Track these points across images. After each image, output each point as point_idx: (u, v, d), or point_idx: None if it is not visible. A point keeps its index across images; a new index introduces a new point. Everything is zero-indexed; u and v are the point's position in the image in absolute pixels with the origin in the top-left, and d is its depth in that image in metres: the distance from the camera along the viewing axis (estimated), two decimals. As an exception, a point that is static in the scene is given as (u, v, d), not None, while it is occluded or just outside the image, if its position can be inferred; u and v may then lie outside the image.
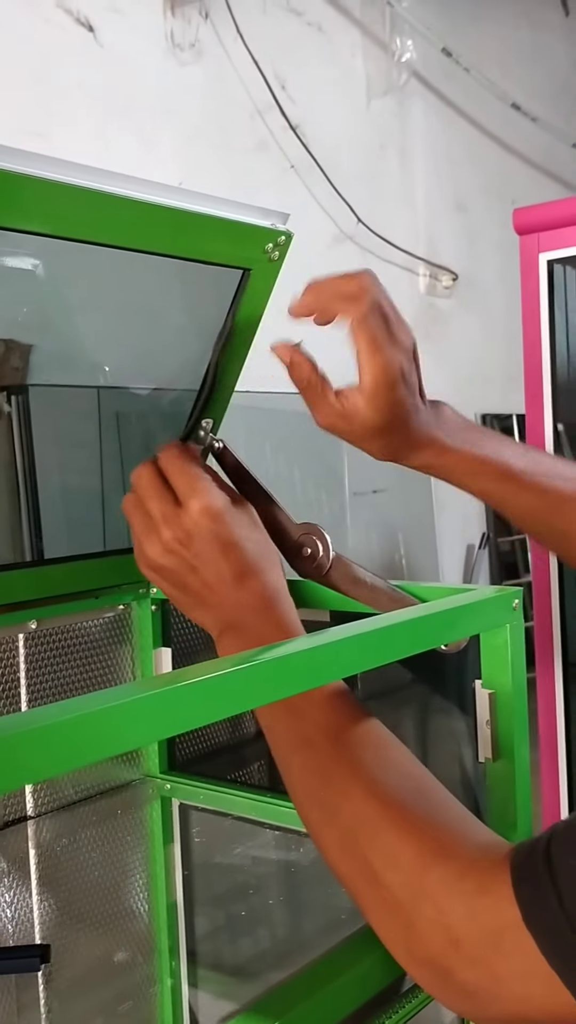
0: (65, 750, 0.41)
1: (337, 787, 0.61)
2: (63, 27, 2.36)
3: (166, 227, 0.75)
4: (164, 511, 0.69)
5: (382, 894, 0.57)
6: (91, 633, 0.97)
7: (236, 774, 1.08)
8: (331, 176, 3.09)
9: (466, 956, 0.53)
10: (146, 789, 1.01)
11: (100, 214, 0.71)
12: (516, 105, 3.88)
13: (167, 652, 1.01)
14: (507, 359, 3.93)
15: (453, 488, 0.80)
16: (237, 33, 2.78)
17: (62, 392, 1.00)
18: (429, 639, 0.68)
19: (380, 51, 3.38)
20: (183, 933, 0.80)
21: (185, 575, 0.69)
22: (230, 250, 0.81)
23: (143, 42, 2.57)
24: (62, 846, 0.90)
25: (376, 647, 0.60)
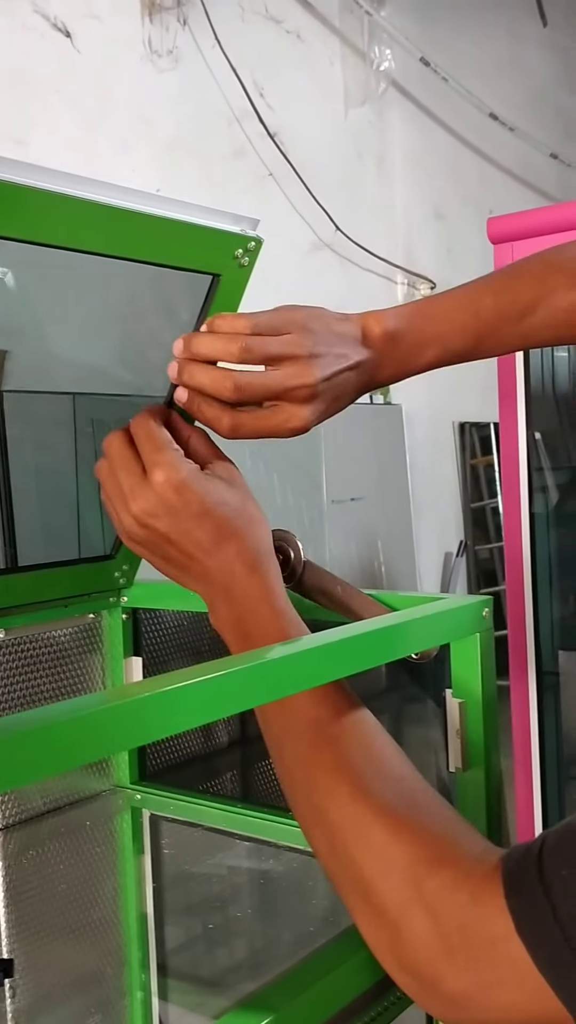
0: (35, 759, 0.40)
1: (324, 786, 0.60)
2: (40, 33, 2.35)
3: (135, 232, 0.75)
4: (132, 483, 0.67)
5: (371, 899, 0.56)
6: (61, 642, 0.96)
7: (207, 785, 1.07)
8: (309, 184, 3.09)
9: (457, 965, 0.53)
10: (116, 800, 1.00)
11: (69, 219, 0.70)
12: (494, 115, 3.90)
13: (138, 661, 1.01)
14: (484, 368, 3.94)
15: (431, 495, 0.79)
16: (215, 40, 2.78)
17: (36, 398, 0.99)
18: (399, 648, 0.67)
19: (359, 60, 3.39)
20: (153, 945, 0.79)
21: (163, 546, 0.67)
22: (199, 255, 0.81)
23: (121, 48, 2.56)
24: (29, 858, 0.88)
25: (345, 656, 0.59)
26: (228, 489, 0.68)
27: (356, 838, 0.57)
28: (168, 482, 0.66)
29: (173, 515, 0.66)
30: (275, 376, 0.67)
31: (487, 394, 3.88)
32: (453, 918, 0.53)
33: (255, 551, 0.68)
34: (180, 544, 0.67)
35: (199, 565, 0.67)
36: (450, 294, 0.75)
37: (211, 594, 0.68)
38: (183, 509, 0.66)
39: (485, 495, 3.90)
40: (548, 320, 0.74)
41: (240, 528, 0.68)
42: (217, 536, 0.67)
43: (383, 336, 0.71)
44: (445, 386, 3.73)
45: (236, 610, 0.66)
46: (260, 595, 0.66)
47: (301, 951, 0.72)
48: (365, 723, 0.63)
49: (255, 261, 0.85)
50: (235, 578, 0.67)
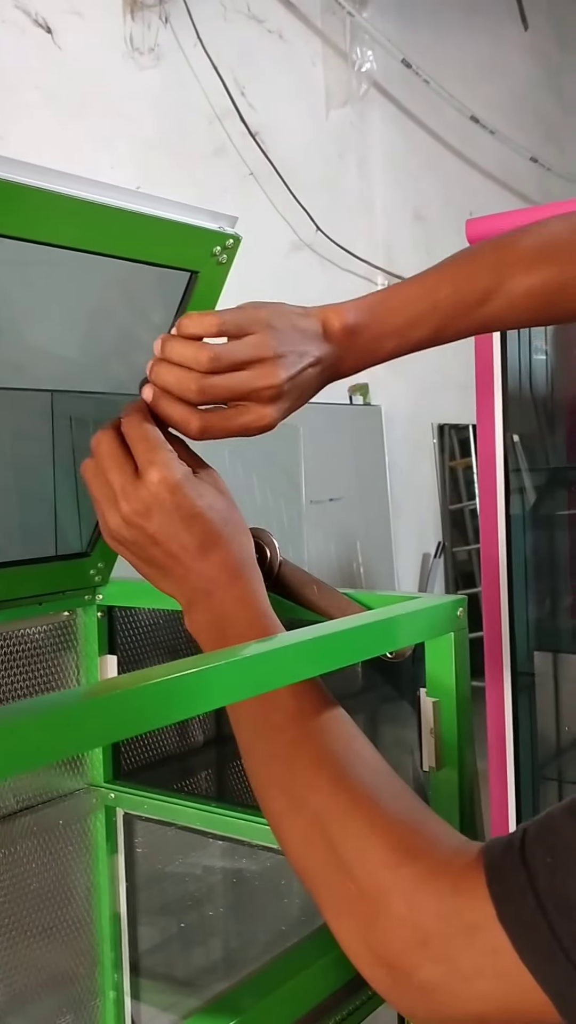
0: (7, 755, 0.40)
1: (304, 777, 0.60)
2: (21, 28, 2.34)
3: (113, 228, 0.75)
4: (123, 483, 0.66)
5: (347, 887, 0.56)
6: (35, 640, 0.95)
7: (182, 783, 1.07)
8: (290, 184, 3.09)
9: (432, 954, 0.53)
10: (90, 798, 1.00)
11: (48, 214, 0.70)
12: (475, 118, 3.91)
13: (112, 659, 1.00)
14: (463, 370, 3.95)
15: (410, 496, 0.79)
16: (197, 39, 2.77)
17: (12, 395, 0.99)
18: (373, 646, 0.67)
19: (340, 61, 3.40)
20: (126, 945, 0.79)
21: (148, 548, 0.67)
22: (177, 252, 0.81)
23: (102, 45, 2.55)
24: (2, 856, 0.88)
25: (321, 654, 0.59)
26: (217, 496, 0.69)
27: (335, 828, 0.57)
28: (163, 482, 0.66)
29: (165, 515, 0.66)
30: (242, 378, 0.67)
31: (466, 395, 3.90)
32: (431, 906, 0.53)
33: (239, 559, 0.68)
34: (166, 546, 0.66)
35: (181, 568, 0.67)
36: (408, 285, 0.76)
37: (190, 598, 0.67)
38: (175, 511, 0.66)
39: (464, 497, 3.92)
40: (505, 307, 0.75)
41: (226, 535, 0.68)
42: (204, 541, 0.67)
43: (343, 330, 0.72)
44: (424, 387, 3.73)
45: (215, 614, 0.66)
46: (242, 601, 0.67)
47: (274, 951, 0.72)
48: (342, 720, 0.64)
49: (233, 259, 0.85)
50: (217, 584, 0.66)
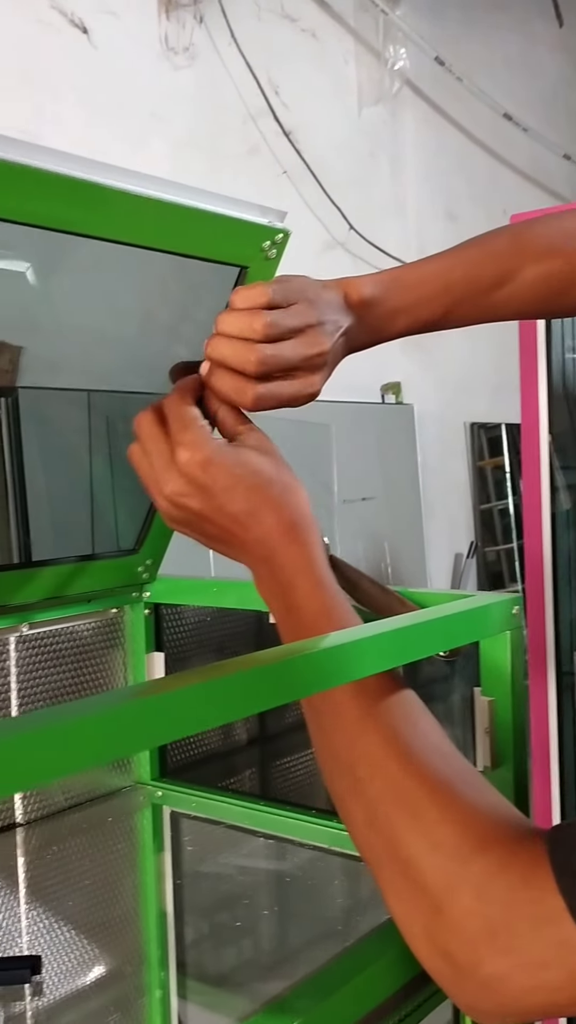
0: (60, 756, 0.39)
1: (370, 756, 0.59)
2: (57, 28, 2.34)
3: (163, 222, 0.74)
4: (161, 465, 0.66)
5: (412, 875, 0.55)
6: (83, 637, 0.95)
7: (228, 781, 1.06)
8: (323, 182, 3.08)
9: (498, 947, 0.52)
10: (137, 796, 1.00)
11: (96, 207, 0.70)
12: (508, 115, 3.88)
13: (160, 656, 1.00)
14: (494, 369, 3.93)
15: (441, 496, 0.79)
16: (231, 38, 2.77)
17: (53, 395, 0.99)
18: (432, 645, 0.66)
19: (373, 59, 3.38)
20: (173, 943, 0.79)
21: (200, 524, 0.67)
22: (227, 247, 0.80)
23: (137, 45, 2.56)
24: (52, 854, 0.88)
25: (379, 652, 0.59)
26: (259, 457, 0.68)
27: (403, 813, 0.56)
28: (192, 460, 0.65)
29: (203, 493, 0.66)
30: (294, 346, 0.68)
31: (497, 395, 3.88)
32: (500, 899, 0.52)
33: (292, 519, 0.67)
34: (216, 520, 0.66)
35: (238, 538, 0.67)
36: (423, 264, 0.77)
37: (253, 563, 0.67)
38: (212, 485, 0.65)
39: (492, 497, 3.89)
40: (515, 294, 0.76)
41: (274, 497, 0.67)
42: (251, 507, 0.66)
43: (360, 302, 0.73)
44: (456, 386, 3.71)
45: (278, 580, 0.66)
46: (300, 566, 0.66)
47: (321, 951, 0.72)
48: (408, 698, 0.63)
49: (282, 254, 0.85)
50: (274, 549, 0.66)
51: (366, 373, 3.29)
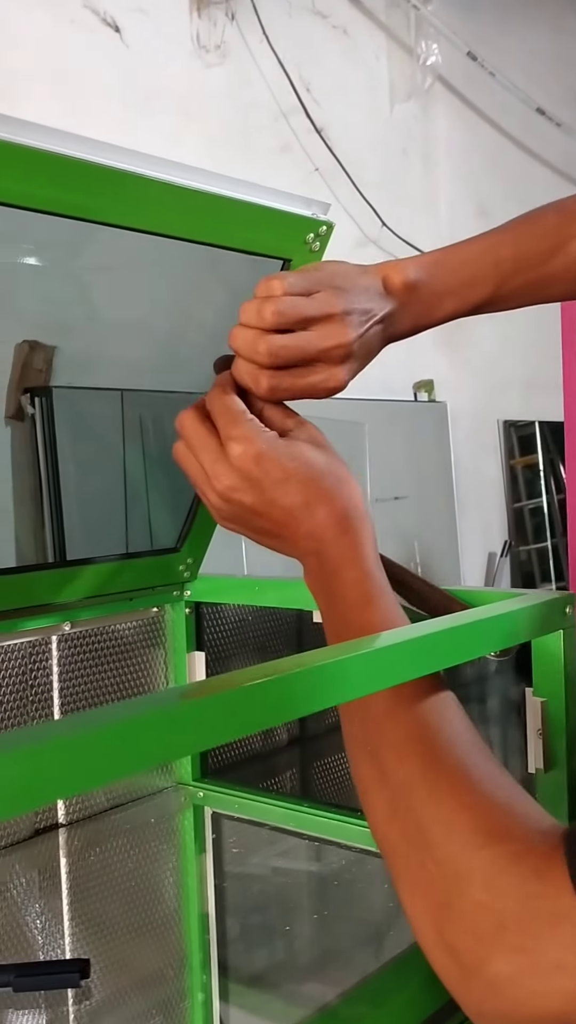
0: (104, 761, 0.38)
1: (395, 746, 0.58)
2: (90, 27, 2.35)
3: (206, 214, 0.73)
4: (211, 461, 0.65)
5: (425, 865, 0.54)
6: (125, 636, 0.95)
7: (268, 782, 1.05)
8: (355, 179, 3.07)
9: (509, 943, 0.49)
10: (178, 797, 0.99)
11: (138, 198, 0.69)
12: (541, 109, 3.85)
13: (200, 656, 0.99)
14: (527, 367, 3.89)
15: (475, 494, 0.77)
16: (263, 35, 2.76)
17: (90, 394, 0.98)
18: (484, 645, 0.65)
19: (405, 55, 3.36)
20: (215, 946, 0.78)
21: (252, 519, 0.66)
22: (271, 239, 0.79)
23: (169, 43, 2.55)
24: (95, 854, 0.87)
25: (431, 652, 0.57)
26: (311, 450, 0.67)
27: (422, 801, 0.55)
28: (245, 455, 0.64)
29: (256, 487, 0.64)
30: (309, 337, 0.66)
31: (529, 393, 3.85)
32: (511, 892, 0.50)
33: (344, 511, 0.66)
34: (268, 514, 0.65)
35: (289, 531, 0.66)
36: (469, 244, 0.75)
37: (304, 557, 0.66)
38: (264, 479, 0.64)
39: (523, 496, 3.85)
40: (563, 269, 0.74)
41: (327, 489, 0.66)
42: (304, 500, 0.65)
43: (403, 287, 0.71)
44: (488, 385, 3.69)
45: (326, 572, 0.65)
46: (349, 556, 0.65)
47: (364, 955, 0.71)
48: (440, 692, 0.61)
49: (326, 246, 0.84)
50: (324, 541, 0.65)
51: (399, 371, 3.27)
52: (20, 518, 0.92)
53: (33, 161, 0.61)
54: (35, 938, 0.75)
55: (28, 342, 0.87)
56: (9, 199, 0.62)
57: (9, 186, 0.61)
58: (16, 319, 0.85)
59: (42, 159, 0.61)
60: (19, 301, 0.85)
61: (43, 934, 0.76)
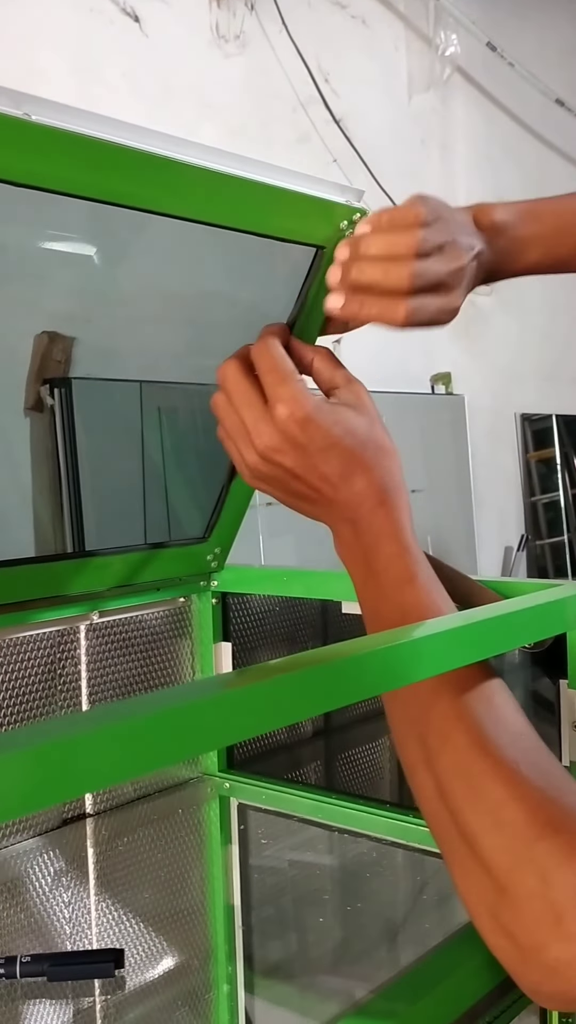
0: (138, 753, 0.37)
1: (441, 729, 0.58)
2: (110, 17, 2.34)
3: (238, 199, 0.72)
4: (254, 419, 0.64)
5: (478, 852, 0.54)
6: (152, 626, 0.94)
7: (294, 774, 1.05)
8: (373, 170, 3.05)
9: (564, 932, 0.50)
10: (204, 788, 0.98)
11: (168, 181, 0.67)
12: (560, 100, 3.82)
13: (227, 646, 0.99)
14: (543, 359, 3.88)
15: (492, 488, 0.77)
16: (282, 25, 2.75)
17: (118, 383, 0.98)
18: (519, 637, 0.64)
19: (423, 45, 3.34)
20: (240, 937, 0.78)
21: (288, 482, 0.65)
22: (304, 226, 0.78)
23: (188, 33, 2.54)
24: (122, 844, 0.87)
25: (467, 644, 0.56)
26: (356, 417, 0.66)
27: (468, 788, 0.55)
28: (292, 417, 0.63)
29: (299, 450, 0.64)
30: (441, 262, 0.67)
31: (545, 385, 3.83)
32: (569, 883, 0.51)
33: (383, 483, 0.65)
34: (306, 478, 0.64)
35: (325, 498, 0.65)
36: (558, 199, 0.76)
37: (337, 524, 0.66)
38: (309, 444, 0.64)
39: (538, 490, 3.84)
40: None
41: (368, 459, 0.65)
42: (344, 469, 0.64)
43: (491, 227, 0.72)
44: (505, 377, 3.67)
45: (362, 543, 0.64)
46: (387, 530, 0.64)
47: (391, 945, 0.70)
48: (484, 673, 0.61)
49: (359, 234, 0.83)
50: (362, 511, 0.65)
51: (416, 363, 3.26)
52: (44, 508, 0.92)
53: (52, 141, 0.59)
54: (63, 927, 0.75)
55: (47, 333, 0.87)
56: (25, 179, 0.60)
57: (24, 166, 0.59)
58: (36, 310, 0.85)
59: (62, 139, 0.60)
60: (39, 292, 0.84)
61: (70, 923, 0.76)
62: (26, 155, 0.58)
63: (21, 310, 0.85)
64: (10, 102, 0.56)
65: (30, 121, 0.57)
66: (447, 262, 0.67)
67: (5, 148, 0.56)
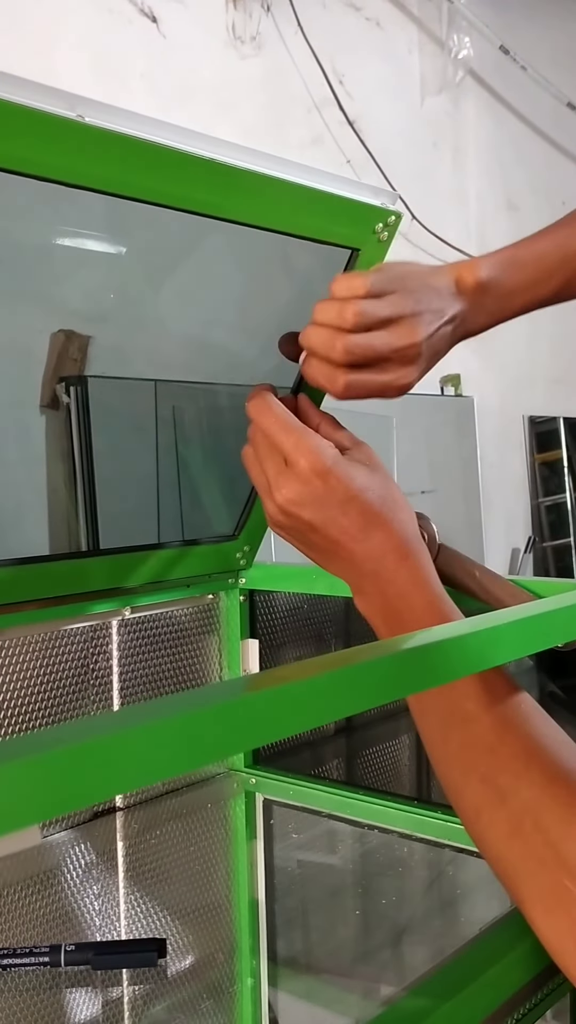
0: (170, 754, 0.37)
1: (512, 767, 0.58)
2: (128, 18, 2.35)
3: (275, 200, 0.73)
4: (275, 472, 0.66)
5: (564, 883, 0.54)
6: (181, 622, 0.95)
7: (318, 769, 1.06)
8: (386, 172, 3.06)
9: None
10: (231, 783, 0.99)
11: (207, 181, 0.68)
12: (572, 105, 3.83)
13: (254, 644, 1.00)
14: (552, 363, 3.88)
15: (499, 490, 0.78)
16: (298, 27, 2.76)
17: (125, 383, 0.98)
18: (553, 636, 0.65)
19: (437, 48, 3.35)
20: (264, 932, 0.78)
21: (308, 534, 0.66)
22: (340, 228, 0.79)
23: (205, 34, 2.55)
24: (152, 837, 0.88)
25: (500, 644, 0.57)
26: (371, 474, 0.67)
27: (554, 819, 0.55)
28: (312, 469, 0.64)
29: (318, 503, 0.65)
30: (384, 336, 0.66)
31: (554, 388, 3.83)
32: None
33: (403, 536, 0.66)
34: (326, 531, 0.65)
35: (345, 551, 0.66)
36: (537, 240, 0.76)
37: (359, 580, 0.66)
38: (328, 497, 0.65)
39: (541, 492, 3.84)
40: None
41: (386, 513, 0.66)
42: (363, 523, 0.65)
43: (475, 287, 0.71)
44: (513, 379, 3.67)
45: (388, 596, 0.65)
46: (413, 581, 0.65)
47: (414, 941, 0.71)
48: (534, 705, 0.62)
49: (393, 236, 0.84)
50: (385, 564, 0.65)
51: (426, 365, 3.27)
52: (59, 505, 0.92)
53: (104, 143, 0.60)
54: (93, 918, 0.76)
55: (64, 331, 0.88)
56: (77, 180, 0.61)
57: (76, 167, 0.60)
58: (54, 308, 0.86)
59: (114, 141, 0.61)
60: (58, 290, 0.85)
61: (100, 915, 0.77)
62: (78, 156, 0.59)
63: (39, 308, 0.86)
64: (65, 104, 0.57)
65: (84, 123, 0.58)
66: (396, 338, 0.66)
67: (59, 149, 0.57)
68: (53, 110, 0.56)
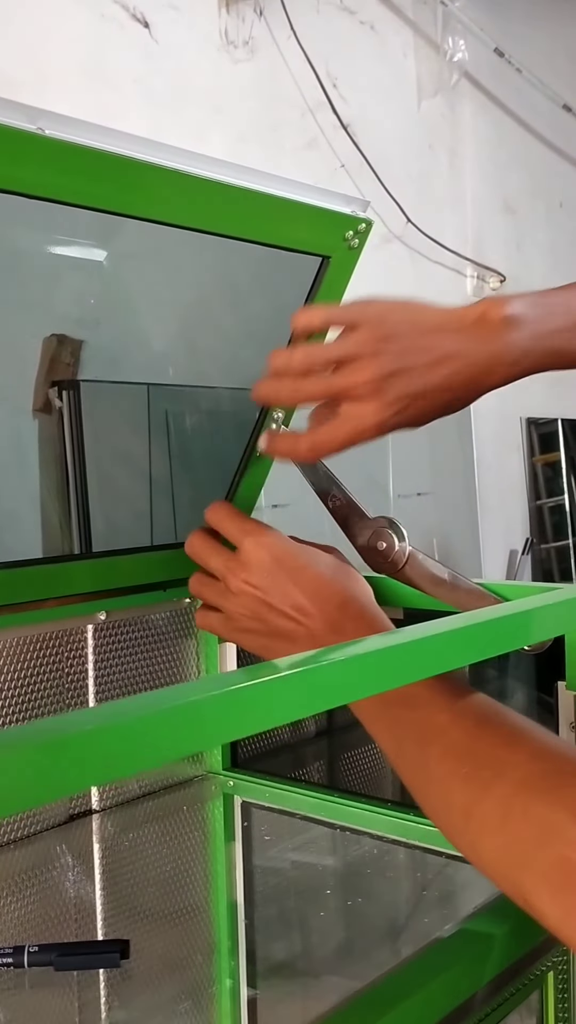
0: (145, 747, 0.38)
1: (494, 761, 0.58)
2: (120, 23, 2.36)
3: (244, 209, 0.74)
4: (223, 562, 0.68)
5: (564, 853, 0.52)
6: (158, 626, 0.96)
7: (297, 772, 1.07)
8: (381, 176, 3.07)
9: None
10: (209, 785, 1.00)
11: (176, 192, 0.69)
12: (568, 107, 3.83)
13: (232, 646, 1.00)
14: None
15: (496, 492, 0.78)
16: (291, 31, 2.77)
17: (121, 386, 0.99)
18: (517, 638, 0.65)
19: (432, 51, 3.36)
20: (243, 933, 0.79)
21: (265, 615, 0.67)
22: (310, 236, 0.80)
23: (197, 39, 2.56)
24: (128, 840, 0.89)
25: (462, 646, 0.58)
26: (318, 552, 0.69)
27: (547, 790, 0.55)
28: (259, 544, 0.66)
29: (270, 576, 0.66)
30: (332, 377, 0.66)
31: (552, 390, 3.83)
32: None
33: (361, 604, 0.67)
34: (279, 607, 0.66)
35: (304, 628, 0.66)
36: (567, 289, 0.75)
37: None
38: (279, 569, 0.66)
39: (543, 494, 3.84)
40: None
41: (339, 582, 0.67)
42: (315, 591, 0.67)
43: (503, 321, 0.70)
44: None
45: None
46: None
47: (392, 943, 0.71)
48: (499, 704, 0.62)
49: (364, 244, 0.84)
50: (346, 635, 0.65)
51: (422, 367, 3.27)
52: (52, 509, 0.93)
53: (65, 155, 0.61)
54: (68, 921, 0.76)
55: (56, 336, 0.88)
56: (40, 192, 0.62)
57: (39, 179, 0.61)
58: (45, 313, 0.87)
59: (75, 153, 0.62)
60: (48, 295, 0.86)
61: (76, 917, 0.77)
62: (40, 168, 0.60)
63: (32, 314, 0.87)
64: (25, 117, 0.58)
65: (44, 136, 0.58)
66: (343, 377, 0.66)
67: (20, 162, 0.58)
68: (12, 123, 0.57)
